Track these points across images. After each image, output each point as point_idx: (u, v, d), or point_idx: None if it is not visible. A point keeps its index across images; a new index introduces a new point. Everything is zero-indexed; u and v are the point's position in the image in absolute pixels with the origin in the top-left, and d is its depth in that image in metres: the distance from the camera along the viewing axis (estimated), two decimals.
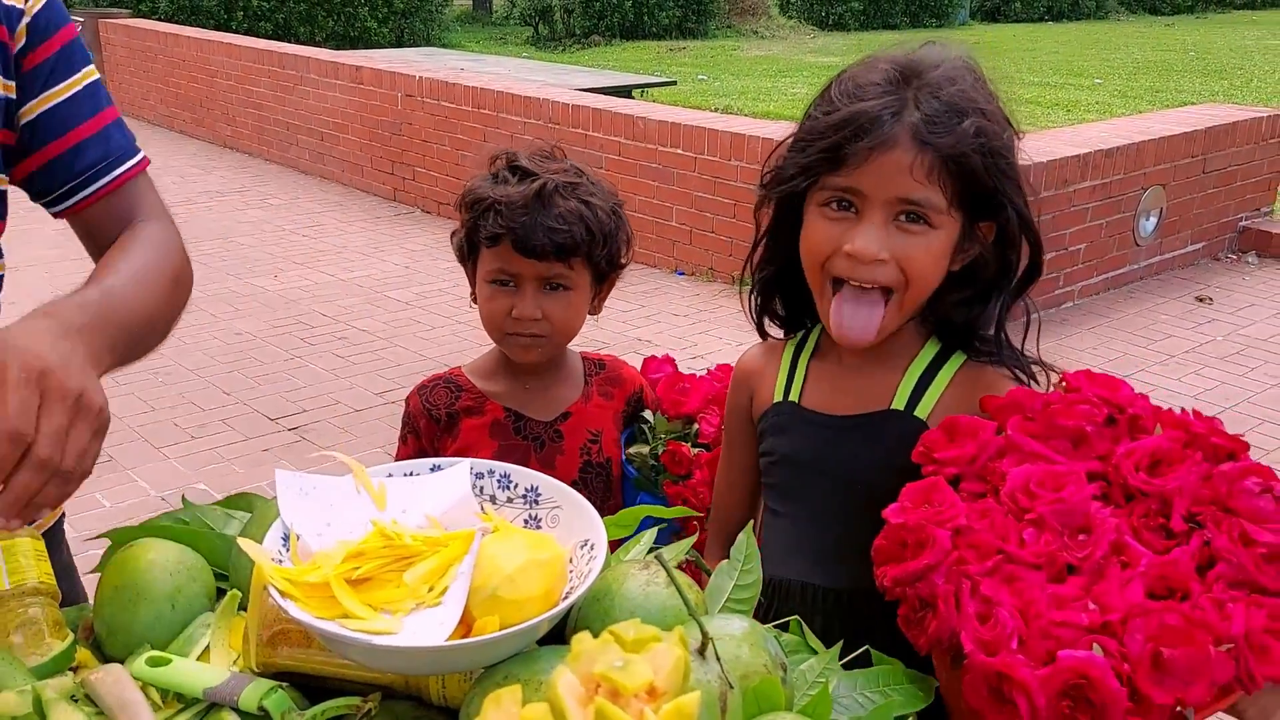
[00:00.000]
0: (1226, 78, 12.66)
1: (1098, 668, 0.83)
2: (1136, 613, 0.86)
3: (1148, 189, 5.51)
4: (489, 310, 1.52)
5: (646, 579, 0.97)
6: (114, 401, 3.69)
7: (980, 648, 0.89)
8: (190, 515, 1.17)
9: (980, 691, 0.89)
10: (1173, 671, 0.83)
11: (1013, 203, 1.14)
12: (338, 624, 0.88)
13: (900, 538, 0.99)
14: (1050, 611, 0.88)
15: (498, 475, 1.09)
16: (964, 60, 1.17)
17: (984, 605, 0.90)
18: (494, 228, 1.46)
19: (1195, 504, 0.94)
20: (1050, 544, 0.93)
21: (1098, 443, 1.02)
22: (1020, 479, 0.97)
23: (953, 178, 1.11)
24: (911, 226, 1.12)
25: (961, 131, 1.09)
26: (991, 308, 1.20)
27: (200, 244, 6.30)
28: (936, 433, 1.07)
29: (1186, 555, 0.90)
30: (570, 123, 6.19)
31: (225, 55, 8.85)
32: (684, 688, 0.63)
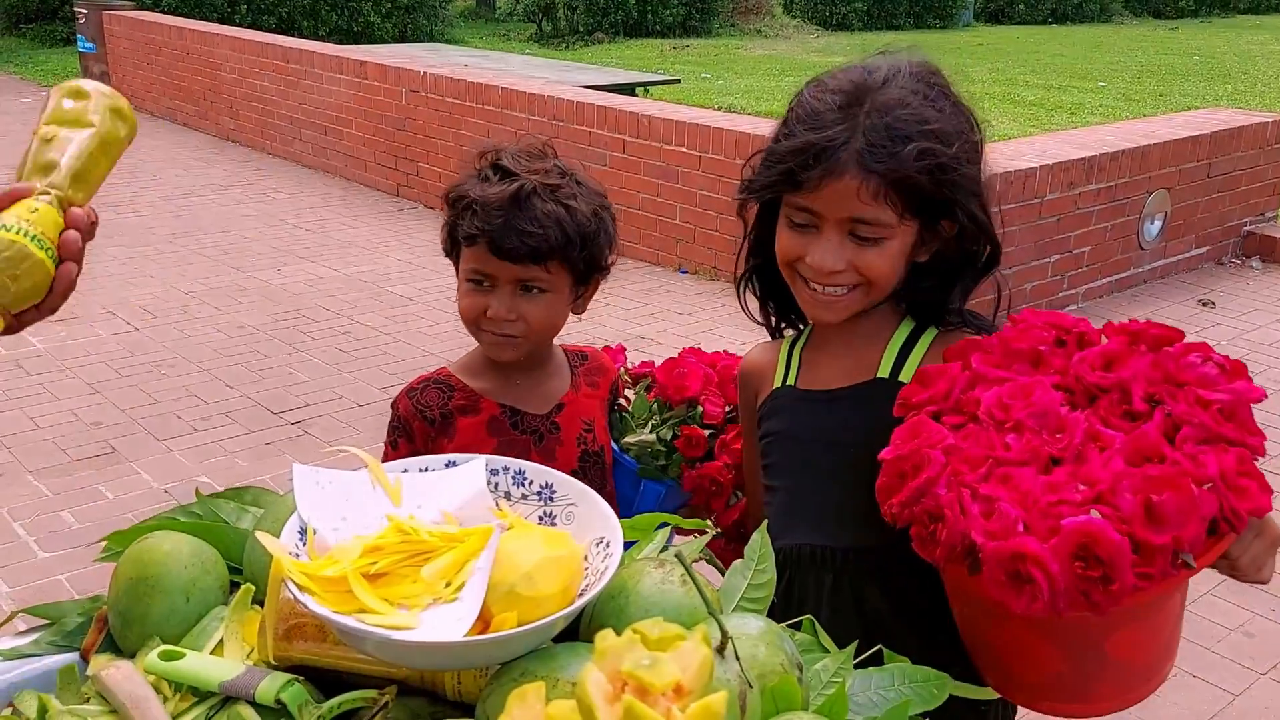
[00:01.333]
0: (1230, 82, 12.66)
1: (1098, 525, 0.92)
2: (1122, 476, 0.95)
3: (1152, 192, 5.51)
4: (465, 307, 1.50)
5: (662, 577, 0.98)
6: (116, 393, 3.72)
7: (990, 538, 0.96)
8: (204, 509, 1.17)
9: (999, 578, 0.96)
10: (1164, 516, 0.92)
11: (964, 208, 1.22)
12: (355, 618, 0.88)
13: (898, 469, 1.08)
14: (1046, 495, 0.96)
15: (512, 472, 1.09)
16: (917, 72, 1.24)
17: (986, 504, 0.99)
18: (471, 228, 1.45)
19: (1150, 385, 1.04)
20: (1033, 441, 1.02)
21: (1054, 359, 1.11)
22: (993, 397, 1.07)
23: (900, 195, 1.19)
24: (865, 239, 1.22)
25: (904, 157, 1.17)
26: (957, 290, 1.31)
27: (203, 237, 6.30)
28: (911, 386, 1.18)
29: (1154, 428, 0.99)
30: (574, 120, 6.19)
31: (229, 49, 8.84)
32: (709, 686, 0.63)
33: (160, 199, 7.13)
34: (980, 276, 1.32)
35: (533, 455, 1.55)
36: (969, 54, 15.01)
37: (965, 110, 1.26)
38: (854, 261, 1.23)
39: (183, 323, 4.95)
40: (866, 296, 1.27)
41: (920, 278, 1.30)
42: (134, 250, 6.01)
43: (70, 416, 3.98)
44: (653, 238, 5.97)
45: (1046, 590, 0.92)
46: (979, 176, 1.25)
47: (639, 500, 1.59)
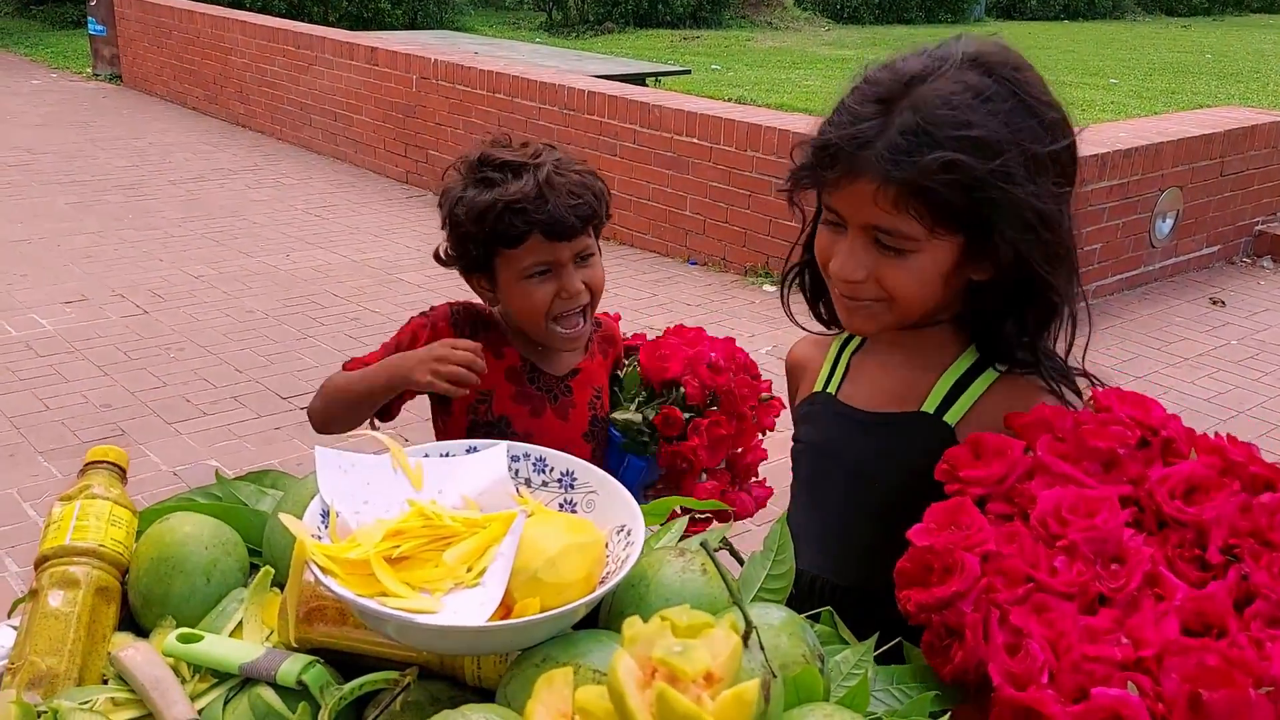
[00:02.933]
0: (1243, 81, 12.60)
1: (1132, 708, 0.80)
2: (1173, 650, 0.83)
3: (1165, 190, 5.49)
4: (533, 303, 1.52)
5: (682, 566, 0.97)
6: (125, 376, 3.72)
7: (1009, 680, 0.86)
8: (223, 490, 1.17)
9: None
10: (1211, 714, 0.80)
11: (1005, 233, 1.06)
12: (377, 601, 0.88)
13: (926, 561, 0.95)
14: (1082, 645, 0.85)
15: (534, 459, 1.09)
16: (985, 64, 1.09)
17: (1013, 636, 0.87)
18: (519, 226, 1.47)
19: (1233, 535, 0.91)
20: (1083, 573, 0.90)
21: (1130, 466, 0.99)
22: (1051, 503, 0.94)
23: (926, 205, 1.06)
24: (889, 249, 1.10)
25: (925, 165, 1.04)
26: (1015, 323, 1.15)
27: (212, 221, 6.30)
28: (962, 450, 1.04)
29: (1223, 590, 0.87)
30: (585, 109, 6.18)
31: (240, 33, 8.83)
32: (738, 675, 0.63)
33: (170, 183, 7.13)
34: (1047, 315, 1.14)
35: (547, 412, 1.62)
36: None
37: (1040, 113, 1.08)
38: (875, 272, 1.11)
39: (192, 306, 4.95)
40: (891, 313, 1.14)
41: (981, 300, 1.15)
42: (143, 234, 6.01)
43: (80, 399, 3.99)
44: (662, 228, 5.96)
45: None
46: (1038, 195, 1.07)
47: (623, 473, 1.64)
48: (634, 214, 6.07)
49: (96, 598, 1.00)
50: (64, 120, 8.89)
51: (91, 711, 0.91)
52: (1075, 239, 1.14)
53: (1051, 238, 1.09)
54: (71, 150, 7.86)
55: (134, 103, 9.81)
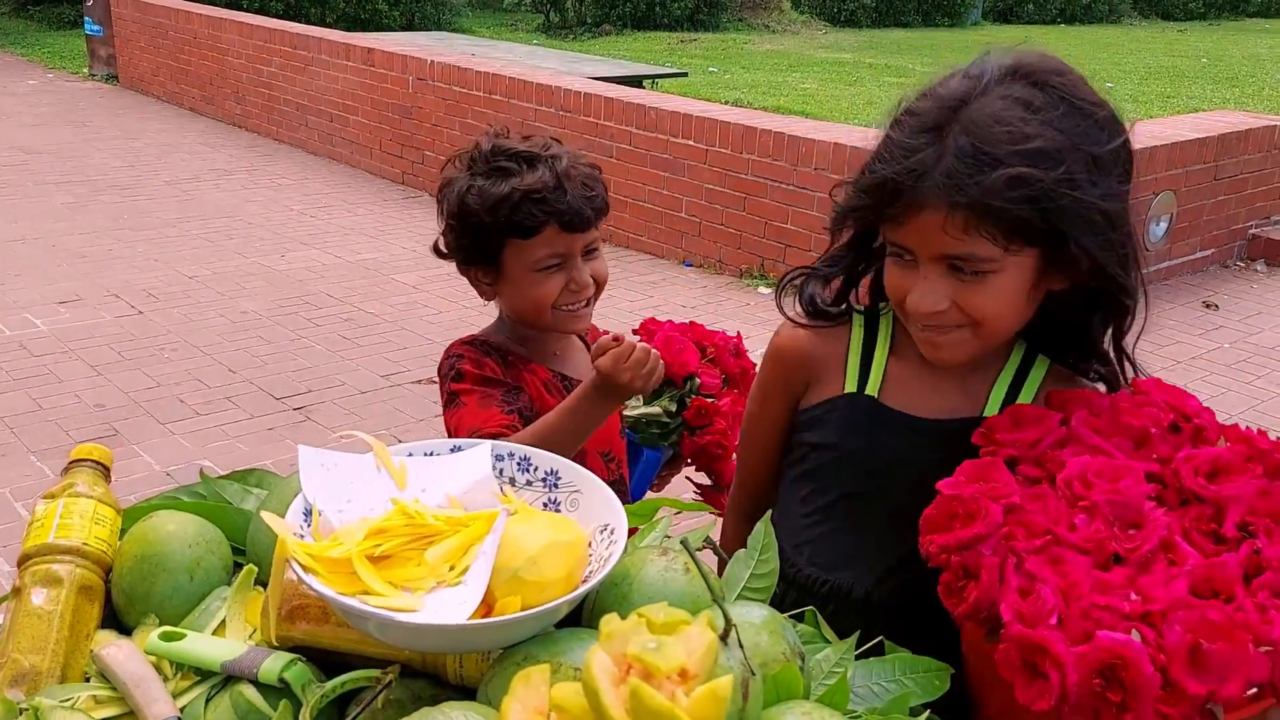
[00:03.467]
0: (1239, 85, 12.63)
1: (1135, 650, 0.84)
2: (1179, 605, 0.86)
3: (1159, 194, 5.50)
4: (542, 295, 1.50)
5: (665, 565, 0.98)
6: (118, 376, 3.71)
7: (1018, 618, 0.89)
8: (208, 489, 1.17)
9: (1013, 662, 0.89)
10: (1209, 665, 0.83)
11: (1079, 240, 1.05)
12: (359, 599, 0.88)
13: (951, 509, 0.99)
14: (1092, 595, 0.88)
15: (518, 458, 1.09)
16: (1029, 74, 1.08)
17: (1027, 580, 0.91)
18: (536, 216, 1.45)
19: (1250, 514, 0.94)
20: (1100, 531, 0.93)
21: (1160, 446, 1.02)
22: (1078, 467, 0.98)
23: (997, 225, 1.04)
24: (966, 273, 1.08)
25: (990, 186, 1.02)
26: (1090, 328, 1.16)
27: (207, 222, 6.30)
28: (1002, 417, 1.07)
29: (1235, 560, 0.90)
30: (582, 111, 6.18)
31: (236, 33, 8.82)
32: (714, 672, 0.63)
33: (165, 183, 7.13)
34: (1117, 318, 1.14)
35: None
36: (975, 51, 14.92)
37: (1091, 114, 1.07)
38: (957, 299, 1.09)
39: (186, 306, 4.95)
40: (978, 338, 1.12)
41: (1055, 308, 1.14)
42: (138, 234, 6.01)
43: (73, 398, 3.98)
44: (658, 230, 5.97)
45: (1057, 694, 0.86)
46: (1105, 196, 1.06)
47: (642, 465, 1.69)
48: (630, 216, 6.07)
49: (79, 596, 1.00)
50: (60, 120, 8.89)
51: (73, 709, 0.91)
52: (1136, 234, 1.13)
53: (1119, 237, 1.08)
54: (67, 150, 7.85)
55: (130, 103, 9.81)
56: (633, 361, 1.38)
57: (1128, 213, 1.10)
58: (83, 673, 0.98)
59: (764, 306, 5.14)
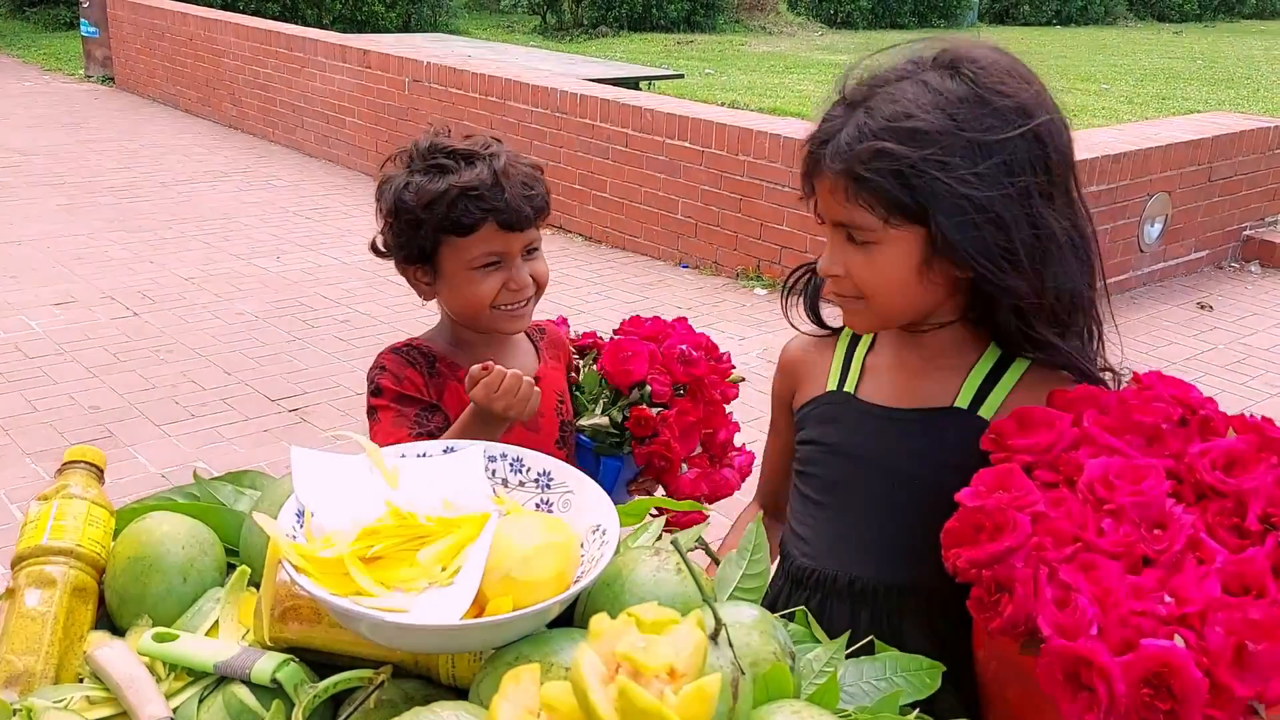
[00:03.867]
0: (1234, 87, 12.65)
1: (1180, 657, 0.83)
2: (1216, 606, 0.86)
3: (1153, 196, 5.51)
4: (479, 294, 1.47)
5: (657, 565, 0.98)
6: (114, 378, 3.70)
7: (1058, 632, 0.89)
8: (201, 491, 1.18)
9: (1055, 676, 0.88)
10: (1255, 665, 0.83)
11: (939, 224, 1.07)
12: (352, 600, 0.88)
13: (976, 521, 0.98)
14: (1128, 601, 0.88)
15: (510, 459, 1.09)
16: (950, 61, 1.11)
17: (1062, 591, 0.90)
18: (473, 214, 1.43)
19: (1270, 505, 0.94)
20: (1129, 535, 0.93)
21: (1171, 441, 1.02)
22: (1099, 470, 0.97)
23: (872, 196, 1.08)
24: (856, 244, 1.13)
25: (858, 154, 1.08)
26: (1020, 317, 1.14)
27: (203, 224, 6.30)
28: (1008, 421, 1.07)
29: (1262, 554, 0.90)
30: (577, 112, 6.19)
31: (233, 35, 8.82)
32: (702, 670, 0.64)
33: (161, 185, 7.13)
34: (1039, 306, 1.12)
35: (517, 426, 1.56)
36: None
37: (991, 103, 1.07)
38: (850, 267, 1.14)
39: (181, 309, 4.95)
40: (870, 310, 1.16)
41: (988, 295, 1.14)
42: (134, 235, 6.01)
43: (68, 400, 3.98)
44: (654, 231, 5.97)
45: (1105, 704, 0.85)
46: (980, 183, 1.06)
47: (600, 475, 1.64)
48: (626, 217, 6.08)
49: (73, 597, 1.01)
50: (55, 122, 8.88)
51: (66, 710, 0.91)
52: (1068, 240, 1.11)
53: (997, 233, 1.07)
54: (63, 152, 7.85)
55: (126, 105, 9.81)
56: (503, 390, 1.35)
57: (1030, 213, 1.08)
58: (76, 674, 0.98)
59: (760, 308, 5.15)
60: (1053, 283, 1.10)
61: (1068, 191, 1.13)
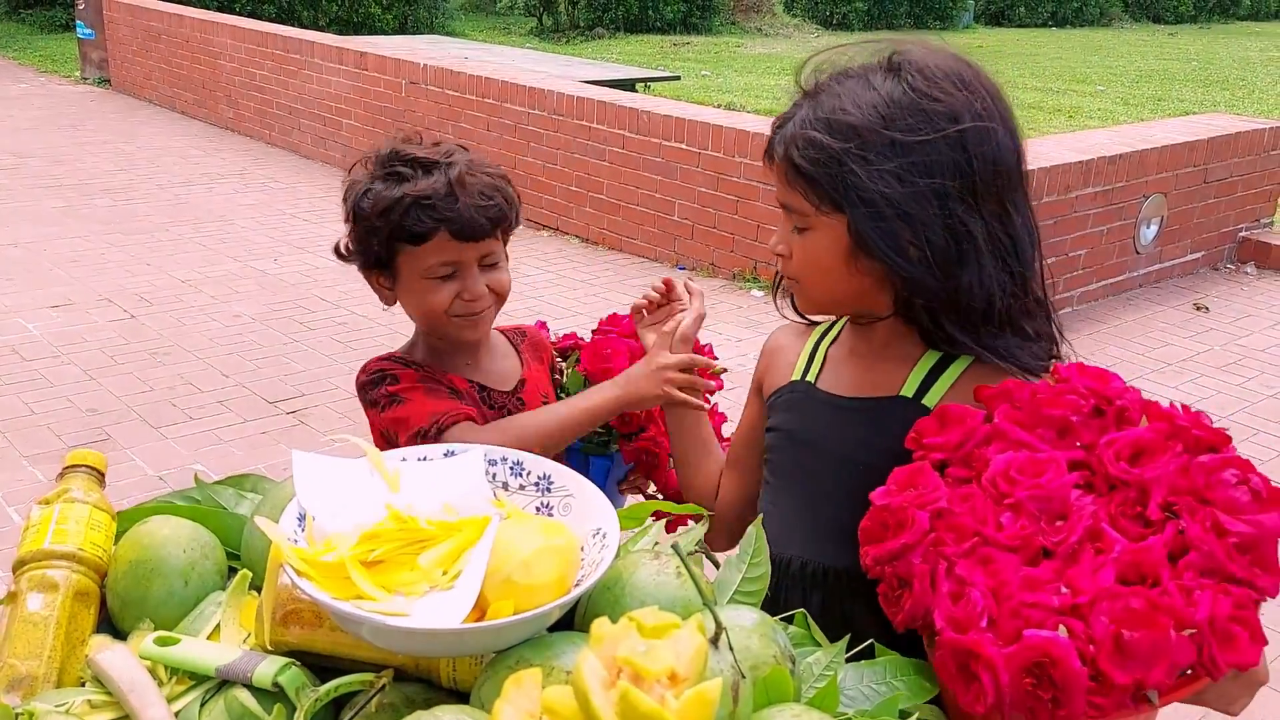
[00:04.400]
0: (1228, 88, 12.69)
1: (1061, 647, 0.85)
2: (1104, 596, 0.87)
3: (1149, 197, 5.53)
4: (433, 303, 1.46)
5: (657, 569, 0.98)
6: (111, 380, 3.69)
7: (951, 625, 0.91)
8: (202, 494, 1.18)
9: (949, 668, 0.91)
10: (1133, 653, 0.85)
11: (852, 215, 1.12)
12: (353, 604, 0.88)
13: (883, 519, 1.02)
14: (1022, 593, 0.89)
15: (510, 462, 1.10)
16: (897, 64, 1.15)
17: (958, 585, 0.92)
18: (424, 223, 1.42)
19: (1173, 493, 0.95)
20: (1026, 528, 0.94)
21: (1083, 432, 1.02)
22: (1001, 465, 0.99)
23: (803, 181, 1.16)
24: (795, 227, 1.20)
25: (794, 139, 1.16)
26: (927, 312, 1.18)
27: (200, 226, 6.29)
28: (930, 420, 1.09)
29: (1160, 543, 0.91)
30: (574, 114, 6.19)
31: (229, 37, 8.82)
32: (703, 675, 0.64)
33: (158, 187, 7.12)
34: (948, 305, 1.15)
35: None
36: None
37: (922, 106, 1.11)
38: (790, 248, 1.21)
39: (179, 311, 4.95)
40: (802, 294, 1.25)
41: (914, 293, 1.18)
42: (131, 238, 6.01)
43: (65, 403, 3.98)
44: (651, 234, 5.98)
45: (992, 696, 0.87)
46: (895, 179, 1.10)
47: (589, 476, 1.64)
48: (622, 219, 6.08)
49: (75, 601, 1.01)
50: (51, 124, 8.87)
51: (68, 714, 0.92)
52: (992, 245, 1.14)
53: (907, 230, 1.11)
54: (59, 154, 7.84)
55: (122, 106, 9.80)
56: (657, 364, 1.42)
57: (939, 208, 1.11)
58: (78, 678, 0.98)
59: (757, 309, 5.15)
60: (967, 284, 1.13)
61: (1000, 197, 1.15)
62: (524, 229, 6.46)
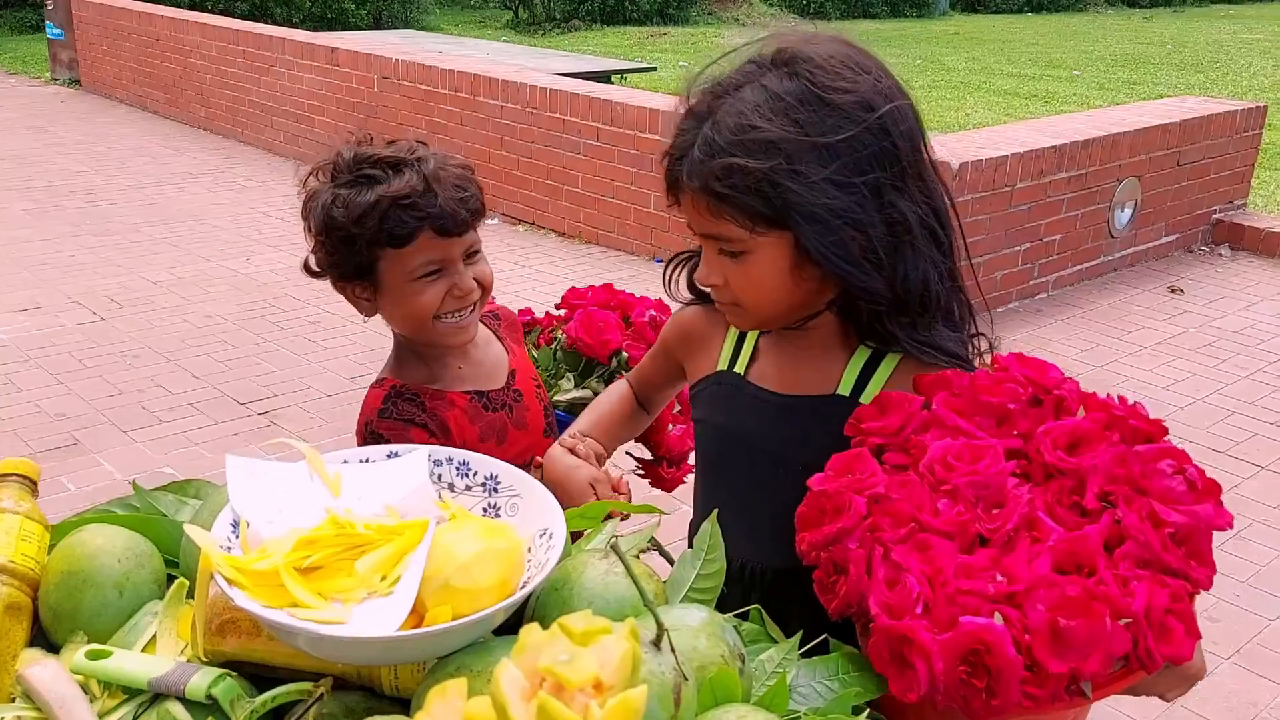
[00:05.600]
0: (1203, 71, 12.73)
1: (996, 635, 0.84)
2: (1040, 584, 0.86)
3: (1123, 180, 5.53)
4: (424, 304, 1.42)
5: (606, 568, 0.96)
6: (80, 384, 3.64)
7: (885, 611, 0.90)
8: (141, 501, 1.15)
9: (883, 655, 0.90)
10: (1069, 642, 0.84)
11: (799, 230, 1.07)
12: (286, 613, 0.86)
13: (820, 504, 1.00)
14: (957, 580, 0.88)
15: (456, 462, 1.07)
16: (786, 64, 1.10)
17: (893, 571, 0.91)
18: (407, 223, 1.37)
19: (1109, 483, 0.94)
20: (963, 514, 0.93)
21: (1020, 421, 1.01)
22: (939, 451, 0.98)
23: (734, 209, 1.08)
24: (728, 254, 1.13)
25: (710, 171, 1.08)
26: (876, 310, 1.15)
27: (172, 226, 6.23)
28: (869, 406, 1.08)
29: (1096, 532, 0.90)
30: (548, 107, 6.15)
31: (199, 35, 8.73)
32: (632, 681, 0.62)
33: (128, 187, 7.05)
34: (893, 302, 1.12)
35: (510, 431, 1.55)
36: (945, 43, 15.02)
37: (832, 102, 1.07)
38: (727, 276, 1.14)
39: (150, 312, 4.89)
40: (749, 315, 1.18)
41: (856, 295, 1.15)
42: (101, 239, 5.94)
43: (33, 408, 3.93)
44: (627, 226, 5.95)
45: (925, 684, 0.86)
46: (832, 186, 1.06)
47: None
48: (599, 211, 6.05)
49: (6, 615, 0.98)
50: (21, 125, 8.76)
51: None
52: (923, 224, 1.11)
53: (857, 235, 1.08)
54: (29, 155, 7.75)
55: (93, 107, 9.69)
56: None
57: (877, 202, 1.08)
58: (9, 694, 0.95)
59: None
60: (903, 274, 1.11)
61: (920, 174, 1.13)
62: (500, 224, 6.43)
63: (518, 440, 1.56)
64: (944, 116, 9.73)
